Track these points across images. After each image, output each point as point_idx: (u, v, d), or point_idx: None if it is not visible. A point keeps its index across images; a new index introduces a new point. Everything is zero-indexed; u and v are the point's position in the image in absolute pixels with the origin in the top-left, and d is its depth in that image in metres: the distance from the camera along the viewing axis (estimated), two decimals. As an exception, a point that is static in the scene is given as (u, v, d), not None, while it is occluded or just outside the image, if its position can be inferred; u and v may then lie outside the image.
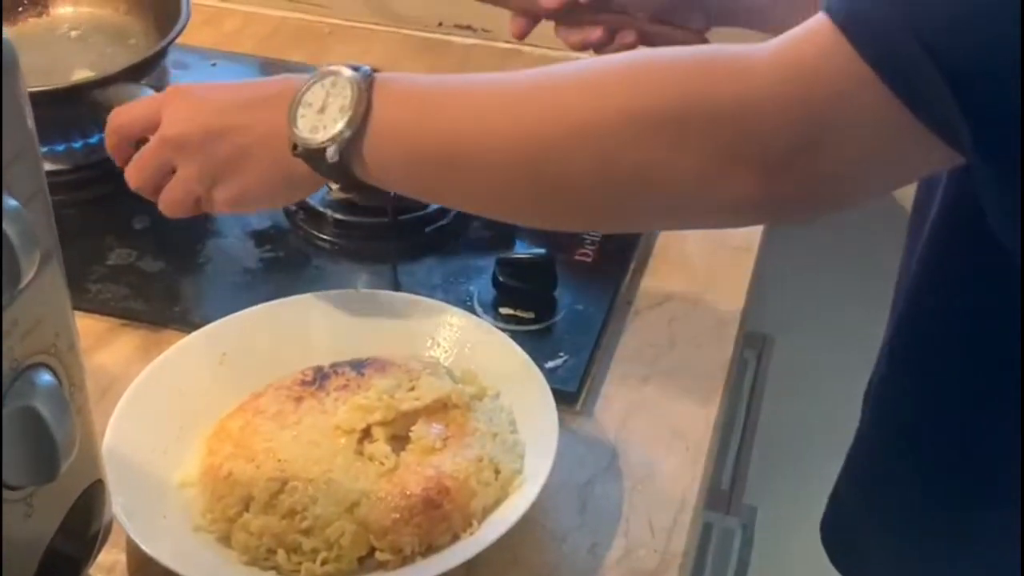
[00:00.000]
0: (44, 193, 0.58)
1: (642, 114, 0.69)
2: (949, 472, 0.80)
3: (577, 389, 0.93)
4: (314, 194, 0.94)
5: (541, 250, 1.01)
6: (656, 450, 0.90)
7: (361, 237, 1.07)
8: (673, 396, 0.94)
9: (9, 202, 0.54)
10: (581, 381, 0.94)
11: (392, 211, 1.04)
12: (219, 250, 1.06)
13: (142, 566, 0.78)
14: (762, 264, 1.09)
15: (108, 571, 0.79)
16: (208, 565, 0.78)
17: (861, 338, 0.95)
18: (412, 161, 0.77)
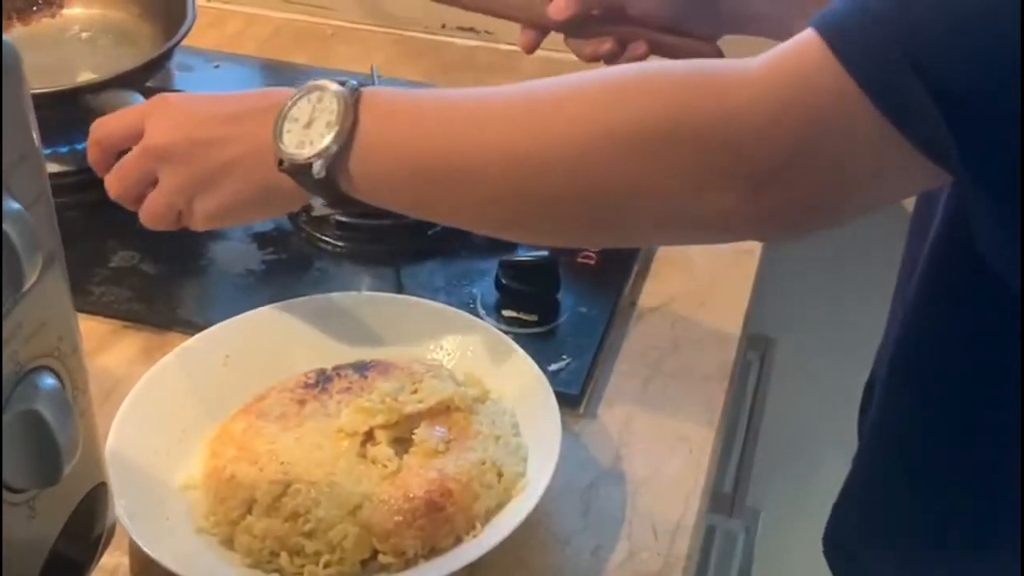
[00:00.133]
0: (47, 196, 0.58)
1: (627, 129, 0.68)
2: (949, 488, 0.80)
3: (580, 392, 0.93)
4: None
5: (544, 253, 1.01)
6: (659, 453, 0.90)
7: (364, 240, 1.07)
8: (676, 398, 0.94)
9: (12, 205, 0.54)
10: (584, 384, 0.94)
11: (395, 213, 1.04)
12: (222, 252, 1.06)
13: (145, 568, 0.78)
14: (765, 266, 1.09)
15: (111, 574, 0.79)
16: (211, 568, 0.78)
17: (864, 340, 0.95)
18: (399, 176, 0.77)
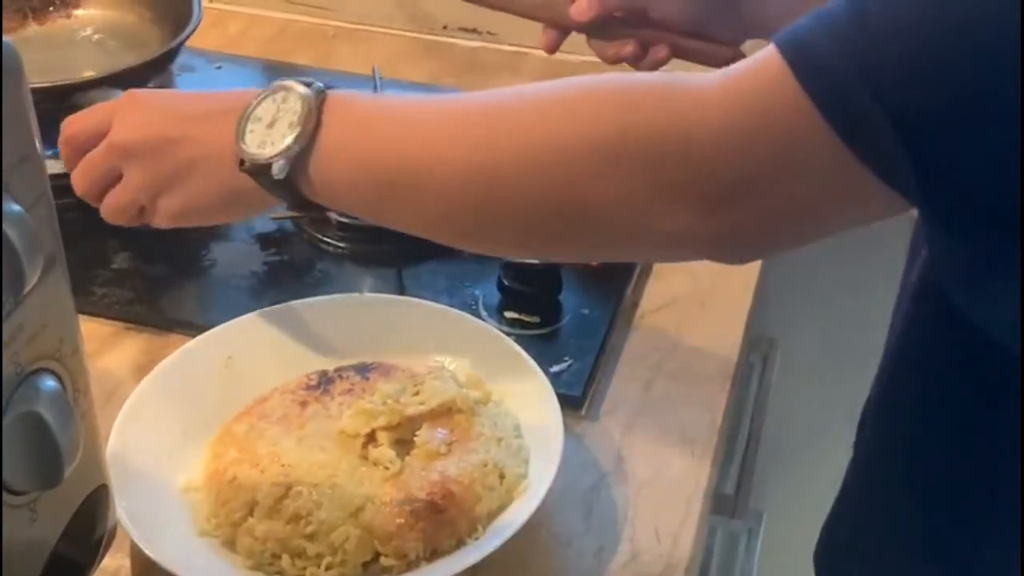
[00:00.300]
0: (47, 197, 0.58)
1: (581, 142, 0.67)
2: (948, 507, 0.79)
3: (582, 393, 0.93)
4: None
5: (546, 254, 1.01)
6: (661, 454, 0.90)
7: (366, 241, 1.06)
8: (678, 400, 0.94)
9: (12, 206, 0.53)
10: (586, 385, 0.93)
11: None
12: (224, 254, 1.06)
13: (146, 571, 0.78)
14: (767, 267, 1.09)
15: (112, 576, 0.79)
16: (212, 570, 0.78)
17: (867, 341, 0.94)
18: (359, 181, 0.76)
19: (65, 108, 1.01)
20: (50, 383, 0.58)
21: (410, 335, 0.92)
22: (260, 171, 0.77)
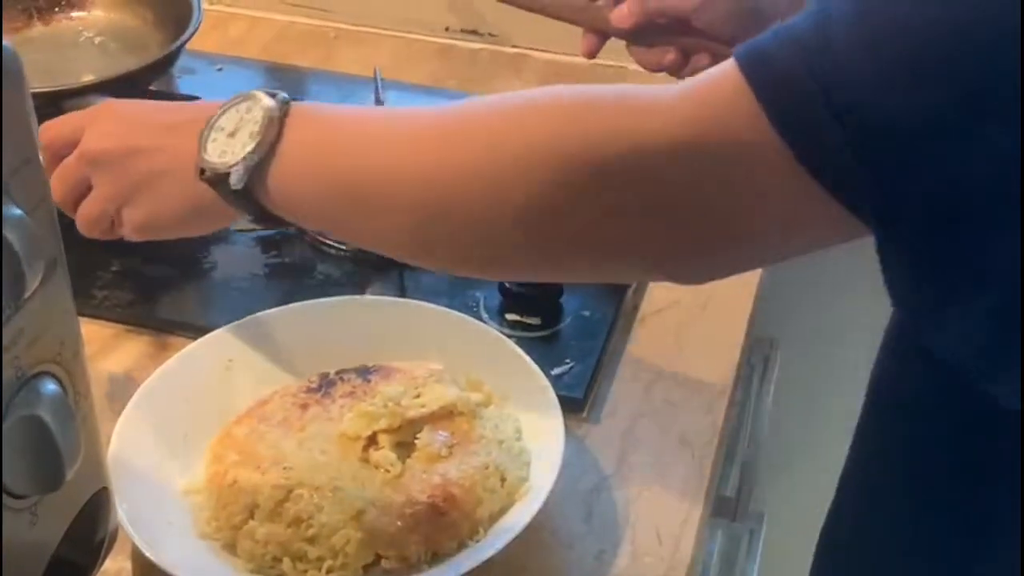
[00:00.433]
0: (48, 200, 0.58)
1: (531, 156, 0.65)
2: (947, 508, 0.78)
3: (583, 396, 0.93)
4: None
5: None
6: (662, 456, 0.90)
7: (367, 243, 1.06)
8: (679, 402, 0.94)
9: (13, 210, 0.53)
10: (587, 388, 0.93)
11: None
12: (225, 256, 1.06)
13: (147, 573, 0.78)
14: (769, 269, 1.09)
15: (113, 578, 0.79)
16: (213, 573, 0.78)
17: (869, 343, 0.94)
18: (317, 194, 0.75)
19: (62, 113, 1.02)
20: (51, 386, 0.58)
21: (411, 338, 0.92)
22: (219, 180, 0.76)
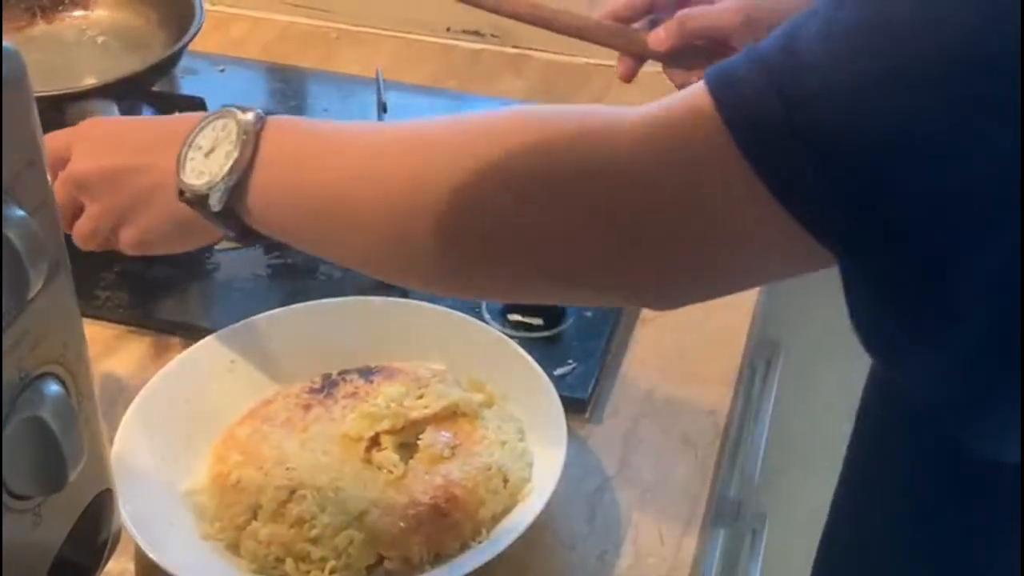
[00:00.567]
0: (51, 202, 0.58)
1: (496, 176, 0.65)
2: (948, 512, 0.78)
3: (586, 397, 0.93)
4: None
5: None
6: (665, 457, 0.89)
7: (369, 243, 1.06)
8: (682, 403, 0.94)
9: (17, 212, 0.53)
10: (590, 389, 0.93)
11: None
12: (228, 257, 1.06)
13: (150, 574, 0.78)
14: (771, 270, 1.09)
15: (116, 579, 0.79)
16: (216, 574, 0.78)
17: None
18: (294, 212, 0.75)
19: (65, 116, 1.02)
20: (54, 388, 0.58)
21: (414, 338, 0.92)
22: (199, 202, 0.76)
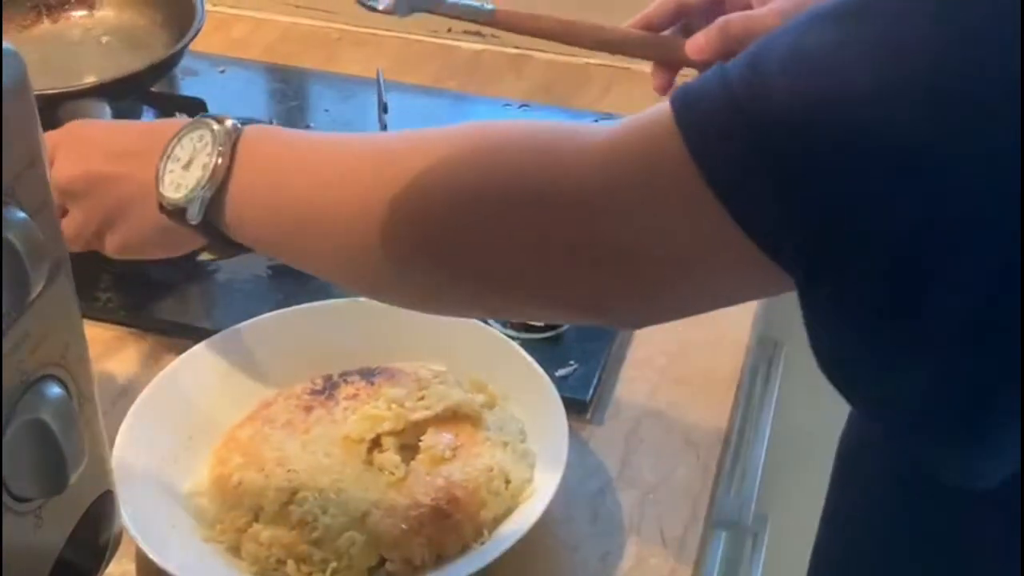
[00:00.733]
0: (52, 203, 0.58)
1: (464, 191, 0.64)
2: (943, 518, 0.78)
3: (587, 398, 0.93)
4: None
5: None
6: (667, 458, 0.89)
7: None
8: (684, 404, 0.94)
9: (18, 214, 0.53)
10: (591, 390, 0.93)
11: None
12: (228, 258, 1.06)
13: (151, 576, 0.78)
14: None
15: (117, 581, 0.79)
16: (217, 575, 0.78)
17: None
18: (268, 223, 0.75)
19: (60, 116, 1.02)
20: (55, 390, 0.58)
21: (415, 340, 0.92)
22: (178, 214, 0.77)
